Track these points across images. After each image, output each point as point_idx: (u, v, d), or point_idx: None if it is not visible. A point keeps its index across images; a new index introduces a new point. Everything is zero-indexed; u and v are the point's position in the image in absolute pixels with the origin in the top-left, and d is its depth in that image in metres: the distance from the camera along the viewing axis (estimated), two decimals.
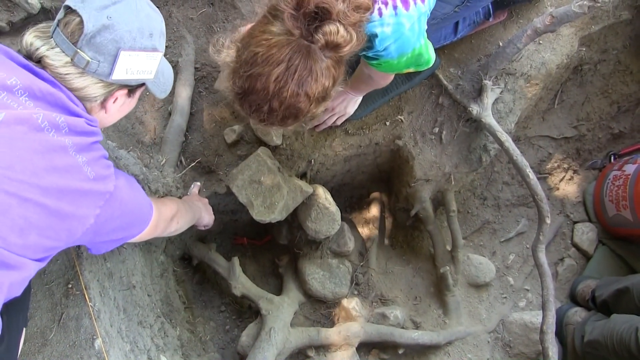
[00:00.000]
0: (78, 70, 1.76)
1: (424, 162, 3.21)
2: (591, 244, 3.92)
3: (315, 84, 1.89)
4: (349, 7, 1.84)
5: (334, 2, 1.80)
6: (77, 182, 1.68)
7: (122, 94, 1.93)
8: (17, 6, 2.83)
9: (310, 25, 1.81)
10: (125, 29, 1.76)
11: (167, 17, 3.20)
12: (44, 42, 1.77)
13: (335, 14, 1.80)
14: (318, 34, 1.81)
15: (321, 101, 1.99)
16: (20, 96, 1.65)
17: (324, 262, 3.47)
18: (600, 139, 4.01)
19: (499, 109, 3.13)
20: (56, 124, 1.67)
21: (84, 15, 1.71)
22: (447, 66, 3.11)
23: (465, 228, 3.85)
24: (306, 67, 1.84)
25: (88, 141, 1.75)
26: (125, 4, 1.79)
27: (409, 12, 2.09)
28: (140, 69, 1.88)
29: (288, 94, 1.88)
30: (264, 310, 3.19)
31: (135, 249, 2.87)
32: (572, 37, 3.16)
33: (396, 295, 3.64)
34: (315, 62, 1.85)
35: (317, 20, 1.81)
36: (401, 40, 2.14)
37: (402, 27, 2.10)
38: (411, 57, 2.27)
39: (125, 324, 2.54)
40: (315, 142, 3.12)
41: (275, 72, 1.84)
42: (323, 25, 1.80)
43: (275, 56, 1.82)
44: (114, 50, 1.76)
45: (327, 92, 1.97)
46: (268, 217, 2.98)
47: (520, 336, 3.58)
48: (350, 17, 1.84)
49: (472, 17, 2.99)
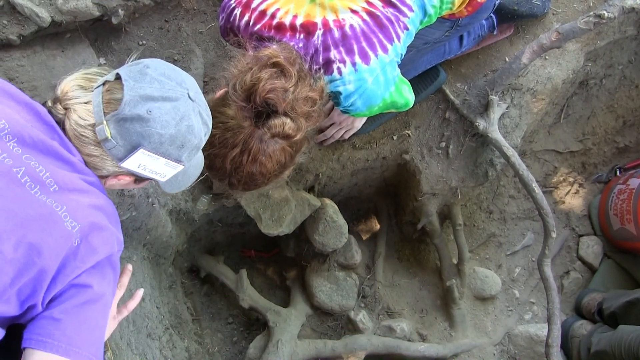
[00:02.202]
0: (95, 139, 1.62)
1: (431, 176, 3.23)
2: (596, 257, 3.93)
3: (269, 163, 1.97)
4: (297, 98, 1.91)
5: (280, 96, 1.86)
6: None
7: (129, 179, 1.78)
8: (28, 19, 2.83)
9: (258, 119, 1.88)
10: (157, 130, 1.60)
11: (176, 31, 3.23)
12: (83, 93, 1.64)
13: (283, 108, 1.87)
14: (265, 127, 1.88)
15: (281, 172, 2.08)
16: (8, 141, 1.53)
17: (331, 274, 3.49)
18: (605, 153, 4.03)
19: (505, 124, 3.15)
20: (40, 179, 1.53)
21: (126, 97, 1.58)
22: (454, 81, 3.13)
23: (471, 241, 3.86)
24: (259, 150, 1.92)
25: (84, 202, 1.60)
26: (175, 106, 1.64)
27: (370, 66, 2.12)
28: (154, 170, 1.72)
29: (244, 173, 1.97)
30: (272, 322, 3.22)
31: (145, 261, 2.90)
32: (578, 53, 3.18)
33: (402, 308, 3.65)
34: (268, 146, 1.93)
35: (264, 114, 1.88)
36: (366, 95, 2.18)
37: (364, 83, 2.14)
38: (383, 106, 2.31)
39: (134, 336, 2.56)
40: (323, 156, 3.14)
41: (230, 155, 1.93)
42: (270, 119, 1.88)
43: (230, 140, 1.91)
44: (136, 142, 1.60)
45: (286, 165, 2.06)
46: (276, 230, 3.01)
47: (526, 349, 3.58)
48: (298, 109, 1.91)
49: (477, 31, 3.01)
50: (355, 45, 2.09)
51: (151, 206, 2.71)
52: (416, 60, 2.81)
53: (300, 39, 2.09)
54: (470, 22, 2.66)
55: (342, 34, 2.08)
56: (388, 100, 2.28)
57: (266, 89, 1.85)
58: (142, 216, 2.67)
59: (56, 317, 1.53)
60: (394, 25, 2.17)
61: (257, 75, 1.88)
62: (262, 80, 1.86)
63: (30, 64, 2.97)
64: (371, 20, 2.13)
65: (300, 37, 2.09)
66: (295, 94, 1.90)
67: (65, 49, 3.06)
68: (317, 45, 2.09)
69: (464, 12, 2.52)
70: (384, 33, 2.14)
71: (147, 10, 3.18)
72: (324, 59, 2.09)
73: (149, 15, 3.22)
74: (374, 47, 2.12)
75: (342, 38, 2.08)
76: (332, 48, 2.08)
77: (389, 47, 2.16)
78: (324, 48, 2.08)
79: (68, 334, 1.53)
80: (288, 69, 1.92)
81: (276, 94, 1.86)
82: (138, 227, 2.73)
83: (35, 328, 1.53)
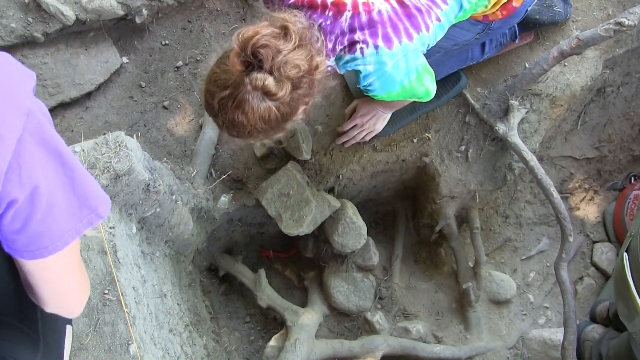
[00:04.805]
0: None
1: (450, 180, 3.25)
2: (610, 263, 3.93)
3: (251, 116, 1.99)
4: (287, 62, 1.94)
5: (270, 53, 1.91)
6: None
7: None
8: (53, 17, 2.87)
9: (246, 69, 1.93)
10: None
11: (199, 32, 3.27)
12: None
13: (269, 65, 1.92)
14: (248, 77, 1.93)
15: (267, 131, 2.11)
16: None
17: (348, 275, 3.51)
18: (621, 160, 4.05)
19: (525, 128, 3.18)
20: None
21: None
22: (475, 86, 3.16)
23: (487, 245, 3.87)
24: (244, 99, 1.96)
25: None
26: None
27: (391, 50, 2.17)
28: None
29: (227, 117, 2.01)
30: (289, 321, 3.24)
31: (166, 258, 2.93)
32: (597, 60, 3.21)
33: (418, 310, 3.68)
34: (254, 99, 1.96)
35: (252, 66, 1.93)
36: (384, 78, 2.24)
37: (383, 66, 2.19)
38: (402, 92, 2.35)
39: (157, 331, 2.58)
40: (343, 158, 3.17)
41: (220, 95, 1.98)
42: (254, 71, 1.93)
43: (223, 81, 1.97)
44: None
45: (272, 126, 2.08)
46: (296, 231, 3.04)
47: (540, 353, 3.60)
48: (284, 72, 1.94)
49: (499, 39, 3.04)
50: (380, 30, 2.15)
51: (174, 203, 2.75)
52: (441, 64, 2.85)
53: (328, 17, 2.15)
54: (501, 27, 2.70)
55: (369, 19, 2.15)
56: (407, 87, 2.32)
57: (260, 43, 1.90)
58: (165, 213, 2.71)
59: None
60: (423, 15, 2.22)
61: (260, 30, 1.94)
62: (260, 35, 1.91)
63: (54, 62, 3.02)
64: (400, 8, 2.19)
65: (329, 15, 2.15)
66: (287, 57, 1.94)
67: (89, 47, 3.11)
68: (343, 27, 2.16)
69: (498, 15, 2.56)
70: (411, 21, 2.20)
71: (171, 11, 3.23)
72: (349, 40, 2.17)
73: (172, 16, 3.26)
74: (398, 33, 2.17)
75: (369, 22, 2.15)
76: (358, 30, 2.15)
77: (415, 35, 2.21)
78: (350, 30, 2.16)
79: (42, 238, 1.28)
80: (291, 35, 1.97)
81: (267, 50, 1.90)
82: (161, 224, 2.76)
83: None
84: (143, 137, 3.16)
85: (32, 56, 2.96)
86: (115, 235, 2.25)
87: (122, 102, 3.19)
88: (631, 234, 2.54)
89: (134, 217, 2.53)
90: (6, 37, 2.81)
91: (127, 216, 2.47)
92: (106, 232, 2.22)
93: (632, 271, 2.45)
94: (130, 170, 2.28)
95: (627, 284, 2.44)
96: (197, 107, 3.22)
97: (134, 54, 3.26)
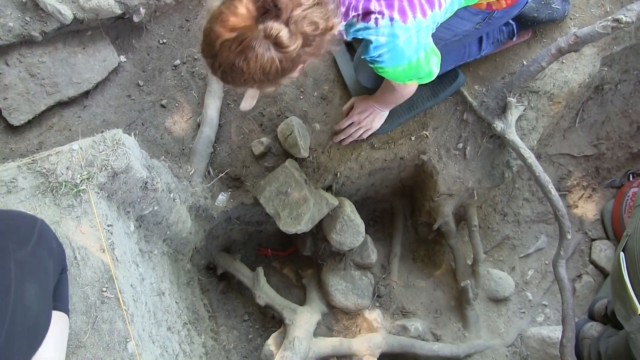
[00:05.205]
0: None
1: (448, 177, 3.25)
2: (608, 261, 3.94)
3: (253, 64, 1.93)
4: (305, 17, 1.90)
5: (290, 5, 1.86)
6: None
7: None
8: (51, 16, 2.86)
9: (262, 15, 1.87)
10: None
11: (196, 30, 3.26)
12: None
13: (287, 17, 1.87)
14: (262, 24, 1.87)
15: (262, 82, 2.04)
16: None
17: (347, 273, 3.51)
18: (619, 157, 4.05)
19: (522, 126, 3.18)
20: None
21: None
22: (472, 83, 3.16)
23: (485, 243, 3.87)
24: (250, 46, 1.89)
25: None
26: None
27: (406, 24, 2.15)
28: None
29: (227, 60, 1.94)
30: (288, 319, 3.24)
31: (164, 257, 2.93)
32: (595, 57, 3.21)
33: (417, 307, 3.68)
34: (260, 47, 1.90)
35: (268, 12, 1.87)
36: (395, 51, 2.21)
37: (396, 39, 2.17)
38: (408, 69, 2.33)
39: (155, 329, 2.58)
40: (341, 156, 3.17)
41: (225, 36, 1.89)
42: (269, 19, 1.87)
43: (231, 23, 1.88)
44: None
45: (269, 78, 2.01)
46: (294, 228, 3.03)
47: (538, 351, 3.60)
48: (300, 27, 1.89)
49: (496, 36, 3.04)
50: (396, 2, 2.12)
51: (172, 201, 2.75)
52: (442, 57, 2.85)
53: None
54: (502, 17, 2.69)
55: None
56: (414, 64, 2.30)
57: None
58: (163, 211, 2.71)
59: None
60: None
61: None
62: None
63: (52, 61, 3.01)
64: None
65: None
66: (306, 12, 1.89)
67: (87, 46, 3.10)
68: None
69: (502, 4, 2.56)
70: None
71: (168, 9, 3.22)
72: (364, 9, 2.13)
73: (170, 14, 3.26)
74: (414, 8, 2.15)
75: None
76: (374, 0, 2.12)
77: (429, 12, 2.20)
78: None
79: None
80: None
81: (289, 2, 1.86)
82: (159, 222, 2.76)
83: None
84: (141, 136, 3.16)
85: (30, 55, 2.95)
86: (113, 233, 2.24)
87: (120, 101, 3.19)
88: (627, 233, 2.54)
89: (132, 215, 2.53)
90: (4, 36, 2.81)
91: (125, 214, 2.47)
92: (104, 229, 2.21)
93: (629, 271, 2.45)
94: (128, 168, 2.27)
95: (624, 284, 2.43)
96: (195, 106, 3.22)
97: (132, 53, 3.25)
